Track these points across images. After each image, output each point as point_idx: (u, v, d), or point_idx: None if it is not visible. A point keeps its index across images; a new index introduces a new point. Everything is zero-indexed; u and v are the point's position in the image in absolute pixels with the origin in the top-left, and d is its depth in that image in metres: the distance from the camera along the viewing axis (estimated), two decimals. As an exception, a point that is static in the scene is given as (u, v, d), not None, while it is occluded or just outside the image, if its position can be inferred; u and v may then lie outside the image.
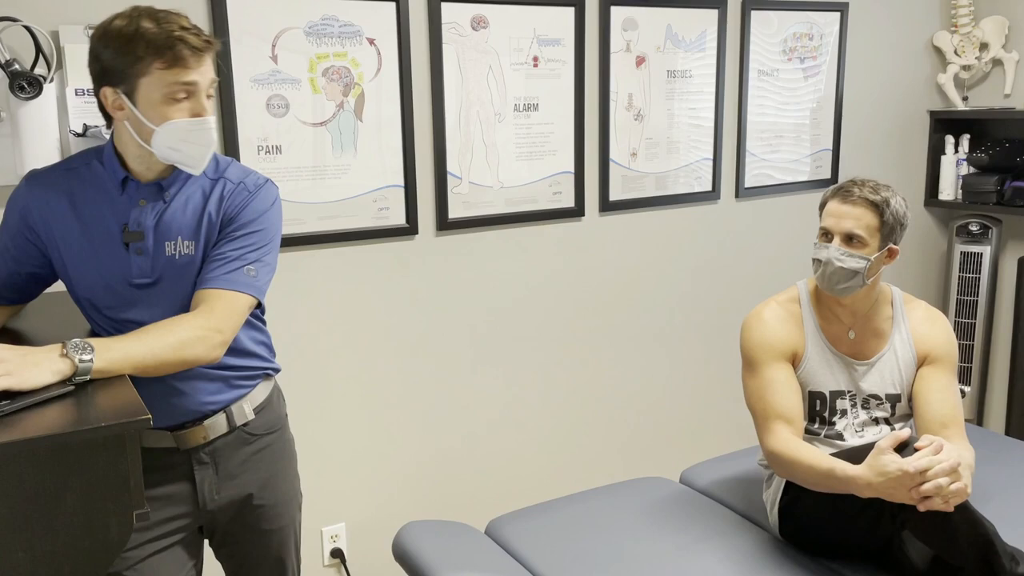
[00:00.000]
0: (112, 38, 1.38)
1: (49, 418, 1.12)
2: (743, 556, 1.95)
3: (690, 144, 2.95)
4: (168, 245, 1.49)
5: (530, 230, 2.69)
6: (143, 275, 1.49)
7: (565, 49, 2.63)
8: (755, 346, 2.02)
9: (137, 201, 1.49)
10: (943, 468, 1.62)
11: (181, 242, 1.50)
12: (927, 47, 3.48)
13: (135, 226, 1.48)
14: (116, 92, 1.40)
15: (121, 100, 1.40)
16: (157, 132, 1.40)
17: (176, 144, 1.42)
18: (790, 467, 1.87)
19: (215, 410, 1.57)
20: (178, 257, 1.49)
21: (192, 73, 1.39)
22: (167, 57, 1.36)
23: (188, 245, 1.50)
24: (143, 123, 1.41)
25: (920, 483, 1.63)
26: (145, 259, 1.48)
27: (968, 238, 3.45)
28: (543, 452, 2.87)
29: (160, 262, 1.49)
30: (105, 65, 1.39)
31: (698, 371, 3.16)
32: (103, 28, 1.40)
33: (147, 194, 1.49)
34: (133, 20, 1.37)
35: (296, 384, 2.37)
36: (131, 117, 1.41)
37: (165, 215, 1.49)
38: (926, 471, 1.62)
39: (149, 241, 1.48)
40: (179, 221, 1.50)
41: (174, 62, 1.37)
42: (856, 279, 1.94)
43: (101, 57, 1.39)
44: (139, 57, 1.36)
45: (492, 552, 2.00)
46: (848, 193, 1.95)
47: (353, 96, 2.33)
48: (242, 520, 1.66)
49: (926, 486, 1.62)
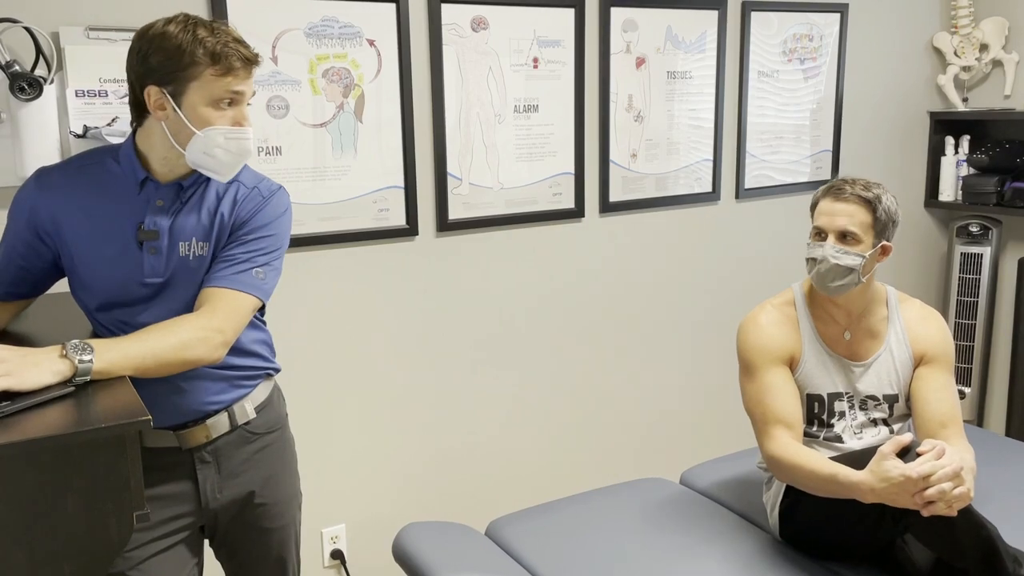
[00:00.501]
0: (168, 39, 1.40)
1: (49, 419, 1.12)
2: (743, 558, 1.95)
3: (690, 145, 2.95)
4: (183, 245, 1.50)
5: (530, 231, 2.70)
6: (155, 274, 1.49)
7: (565, 50, 2.64)
8: (752, 350, 2.02)
9: (155, 201, 1.50)
10: (946, 473, 1.61)
11: (196, 243, 1.51)
12: (927, 48, 3.48)
13: (151, 225, 1.48)
14: (161, 92, 1.42)
15: (165, 100, 1.42)
16: (197, 136, 1.43)
17: (211, 150, 1.44)
18: (791, 472, 1.87)
19: (217, 409, 1.58)
20: (191, 258, 1.51)
21: (240, 83, 1.44)
22: (222, 65, 1.41)
23: (202, 246, 1.51)
24: (184, 125, 1.43)
25: (923, 488, 1.61)
26: (158, 259, 1.49)
27: (968, 239, 3.45)
28: (543, 453, 2.87)
29: (173, 262, 1.50)
30: (153, 65, 1.41)
31: (698, 372, 3.16)
32: (156, 31, 1.42)
33: (165, 195, 1.50)
34: (189, 27, 1.41)
35: (297, 385, 2.37)
36: (171, 118, 1.43)
37: (180, 216, 1.51)
38: (929, 476, 1.61)
39: (164, 241, 1.49)
40: (194, 222, 1.51)
41: (227, 71, 1.41)
42: (852, 276, 1.94)
43: (149, 58, 1.41)
44: (195, 62, 1.39)
45: (492, 553, 2.00)
46: (840, 191, 1.95)
47: (353, 97, 2.33)
48: (243, 519, 1.66)
49: (929, 491, 1.61)
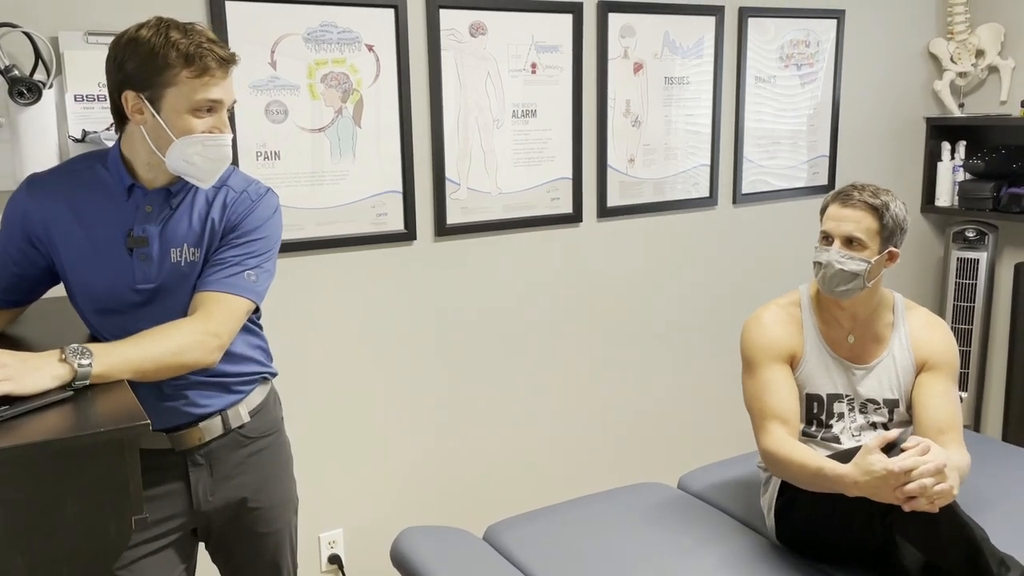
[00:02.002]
0: (141, 44, 1.39)
1: (48, 423, 1.12)
2: (741, 561, 1.96)
3: (688, 150, 2.95)
4: (174, 252, 1.50)
5: (528, 236, 2.70)
6: (146, 280, 1.49)
7: (563, 56, 2.64)
8: (754, 347, 2.04)
9: (143, 207, 1.49)
10: (928, 468, 1.63)
11: (187, 249, 1.51)
12: (923, 54, 3.49)
13: (140, 232, 1.48)
14: (139, 96, 1.41)
15: (143, 105, 1.41)
16: (175, 143, 1.42)
17: (190, 157, 1.44)
18: (783, 466, 1.89)
19: (211, 413, 1.58)
20: (183, 264, 1.51)
21: (217, 90, 1.43)
22: (196, 66, 1.39)
23: (193, 252, 1.51)
24: (163, 131, 1.42)
25: (904, 483, 1.64)
26: (148, 265, 1.49)
27: (964, 244, 3.46)
28: (541, 458, 2.87)
29: (165, 268, 1.50)
30: (129, 72, 1.41)
31: (696, 377, 3.16)
32: (128, 36, 1.42)
33: (154, 200, 1.50)
34: (161, 30, 1.40)
35: (294, 389, 2.37)
36: (150, 123, 1.43)
37: (171, 222, 1.50)
38: (911, 471, 1.63)
39: (154, 248, 1.49)
40: (184, 228, 1.51)
41: (202, 72, 1.40)
42: (856, 281, 1.96)
43: (125, 64, 1.41)
44: (169, 65, 1.38)
45: (490, 558, 2.00)
46: (848, 197, 1.97)
47: (352, 102, 2.33)
48: (237, 523, 1.66)
49: (910, 486, 1.63)
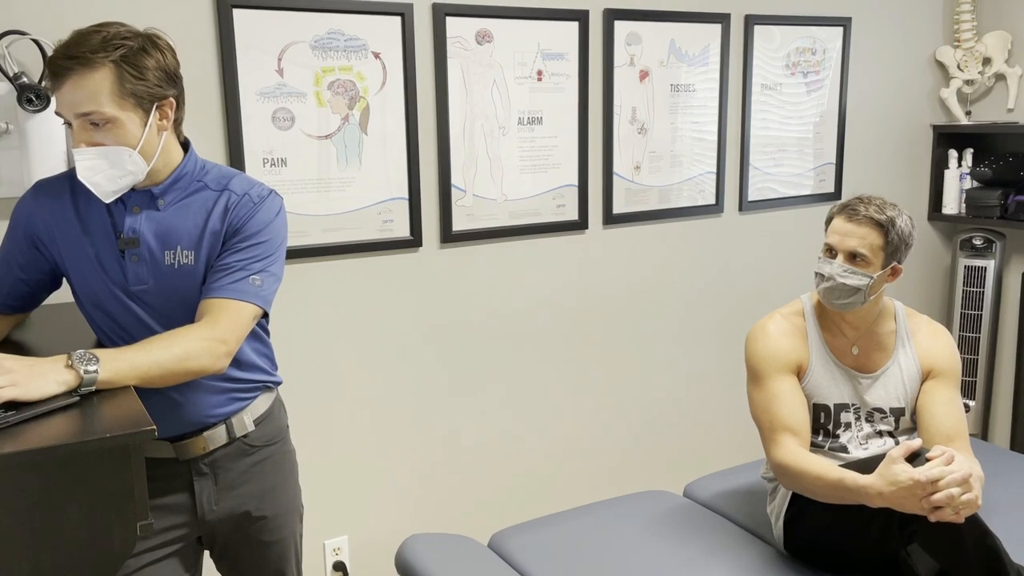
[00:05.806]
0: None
1: (54, 429, 1.12)
2: (747, 570, 1.95)
3: (693, 158, 2.95)
4: (168, 254, 1.50)
5: (534, 243, 2.70)
6: (139, 282, 1.49)
7: (569, 63, 2.65)
8: (760, 359, 2.03)
9: (131, 208, 1.50)
10: (955, 478, 1.62)
11: (181, 251, 1.50)
12: (930, 62, 3.49)
13: (130, 233, 1.49)
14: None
15: None
16: None
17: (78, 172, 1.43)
18: (798, 479, 1.87)
19: (215, 421, 1.57)
20: (177, 266, 1.50)
21: (73, 94, 1.37)
22: (51, 79, 1.38)
23: (188, 255, 1.50)
24: None
25: (931, 493, 1.63)
26: (142, 266, 1.49)
27: (972, 252, 3.45)
28: (546, 465, 2.86)
29: (159, 270, 1.49)
30: None
31: (701, 384, 3.16)
32: None
33: (139, 201, 1.50)
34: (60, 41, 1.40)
35: (299, 396, 2.37)
36: None
37: (165, 223, 1.50)
38: (938, 481, 1.62)
39: (146, 248, 1.49)
40: (179, 230, 1.50)
41: (54, 83, 1.38)
42: (857, 296, 1.95)
43: None
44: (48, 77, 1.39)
45: (495, 565, 2.00)
46: (854, 211, 1.96)
47: (358, 109, 2.34)
48: (242, 532, 1.66)
49: (937, 496, 1.62)
